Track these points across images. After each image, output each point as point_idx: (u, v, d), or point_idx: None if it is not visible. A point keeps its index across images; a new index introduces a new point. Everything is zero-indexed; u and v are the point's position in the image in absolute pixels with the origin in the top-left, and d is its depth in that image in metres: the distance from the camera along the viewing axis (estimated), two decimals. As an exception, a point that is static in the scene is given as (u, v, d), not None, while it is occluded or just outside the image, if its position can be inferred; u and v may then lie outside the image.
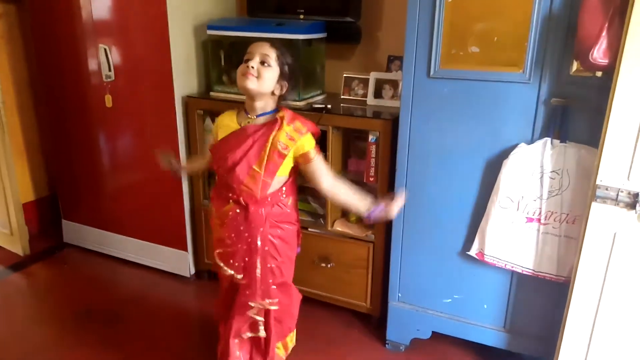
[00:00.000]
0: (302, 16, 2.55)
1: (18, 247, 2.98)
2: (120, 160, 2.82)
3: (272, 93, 1.66)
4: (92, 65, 2.67)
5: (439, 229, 2.05)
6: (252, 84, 1.59)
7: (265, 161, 1.64)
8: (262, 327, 1.85)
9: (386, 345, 2.30)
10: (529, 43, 1.72)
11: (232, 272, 1.77)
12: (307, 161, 1.67)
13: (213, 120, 2.56)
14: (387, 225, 2.20)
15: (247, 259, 1.73)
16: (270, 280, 1.77)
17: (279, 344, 1.97)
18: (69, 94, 2.81)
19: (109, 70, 2.61)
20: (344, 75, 2.51)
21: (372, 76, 2.39)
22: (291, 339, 2.04)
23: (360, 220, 2.38)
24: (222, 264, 1.79)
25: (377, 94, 2.39)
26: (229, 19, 2.69)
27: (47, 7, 2.70)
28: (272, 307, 1.80)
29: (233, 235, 1.73)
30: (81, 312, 2.52)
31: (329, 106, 2.27)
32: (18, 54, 3.05)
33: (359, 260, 2.33)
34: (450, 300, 2.13)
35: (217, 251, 1.81)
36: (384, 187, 2.18)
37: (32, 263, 2.97)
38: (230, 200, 1.71)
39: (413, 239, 2.12)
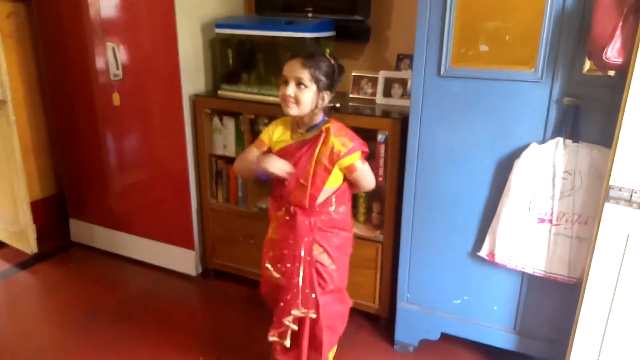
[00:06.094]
0: (310, 14, 2.54)
1: (26, 245, 2.99)
2: (128, 159, 2.81)
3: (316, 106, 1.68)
4: (100, 63, 2.67)
5: (448, 229, 2.04)
6: (292, 110, 1.66)
7: (311, 175, 1.69)
8: (289, 337, 1.84)
9: (394, 346, 2.28)
10: (541, 42, 1.70)
11: (279, 275, 1.81)
12: (352, 171, 1.72)
13: (221, 120, 2.56)
14: (396, 225, 2.19)
15: (289, 265, 1.76)
16: (313, 294, 1.77)
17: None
18: (76, 93, 2.82)
19: (117, 68, 2.61)
20: (353, 74, 2.49)
21: (381, 75, 2.38)
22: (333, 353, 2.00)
23: (369, 221, 2.37)
24: (271, 267, 1.83)
25: (386, 93, 2.37)
26: (237, 17, 2.68)
27: (55, 5, 2.70)
28: (311, 316, 1.80)
29: (282, 240, 1.79)
30: (88, 311, 2.52)
31: (338, 105, 2.25)
32: (27, 52, 3.06)
33: (368, 260, 2.31)
34: (459, 301, 2.11)
35: (270, 254, 1.85)
36: (393, 187, 2.17)
37: (39, 262, 2.97)
38: (283, 208, 1.78)
39: (422, 239, 2.10)
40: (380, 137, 2.15)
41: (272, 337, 1.86)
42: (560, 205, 1.78)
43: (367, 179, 1.77)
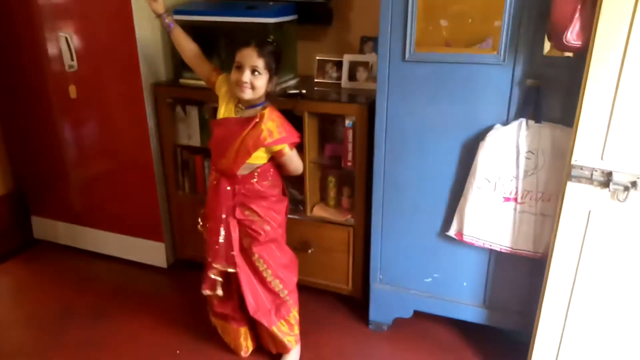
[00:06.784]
0: (271, -2, 2.49)
1: (-14, 245, 2.89)
2: (89, 152, 2.73)
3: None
4: (53, 55, 2.56)
5: (418, 210, 2.08)
6: (247, 95, 1.79)
7: (234, 152, 1.84)
8: (219, 287, 2.03)
9: (369, 325, 2.33)
10: (502, 24, 1.72)
11: (203, 230, 2.04)
12: (280, 156, 1.89)
13: (184, 108, 2.50)
14: (367, 208, 2.21)
15: (211, 224, 1.96)
16: (232, 252, 1.94)
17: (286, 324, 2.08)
18: (30, 86, 2.70)
19: (72, 59, 2.50)
20: (317, 58, 2.47)
21: (346, 59, 2.36)
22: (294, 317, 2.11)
23: (339, 205, 2.38)
24: (200, 223, 2.07)
25: (352, 77, 2.37)
26: (197, 3, 2.59)
27: (1, -6, 2.56)
28: (230, 270, 1.97)
29: (209, 200, 1.99)
30: (60, 310, 2.47)
31: (304, 91, 2.23)
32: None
33: (340, 244, 2.34)
34: (430, 279, 2.17)
35: (201, 211, 2.07)
36: (362, 171, 2.19)
37: (3, 261, 2.88)
38: (214, 172, 1.96)
39: (392, 221, 2.14)
40: (348, 122, 2.16)
41: (206, 291, 2.06)
42: (524, 184, 1.84)
43: (293, 163, 1.94)
